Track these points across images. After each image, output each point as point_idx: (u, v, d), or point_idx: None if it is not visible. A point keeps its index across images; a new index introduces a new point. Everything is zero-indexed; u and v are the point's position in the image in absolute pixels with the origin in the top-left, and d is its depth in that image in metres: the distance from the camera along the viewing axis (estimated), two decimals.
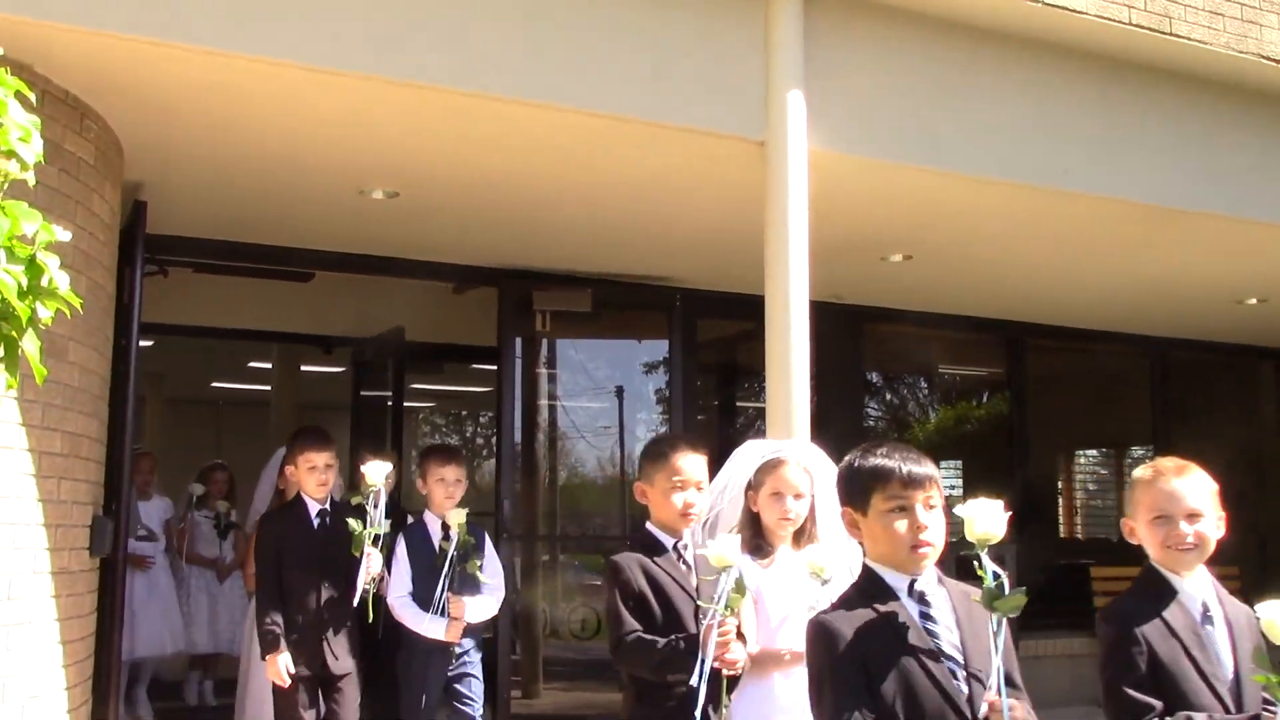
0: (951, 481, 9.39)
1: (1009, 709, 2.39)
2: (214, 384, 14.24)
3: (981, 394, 10.42)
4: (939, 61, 5.61)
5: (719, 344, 9.21)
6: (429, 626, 5.10)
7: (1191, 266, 7.58)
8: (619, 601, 3.45)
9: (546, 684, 7.94)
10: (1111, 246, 7.09)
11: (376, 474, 5.08)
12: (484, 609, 5.28)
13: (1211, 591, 2.87)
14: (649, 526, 3.66)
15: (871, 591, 2.55)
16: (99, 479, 5.05)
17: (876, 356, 9.49)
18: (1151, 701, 2.69)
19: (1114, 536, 9.15)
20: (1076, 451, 11.53)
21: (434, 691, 5.16)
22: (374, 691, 5.63)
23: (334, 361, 10.63)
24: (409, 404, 11.20)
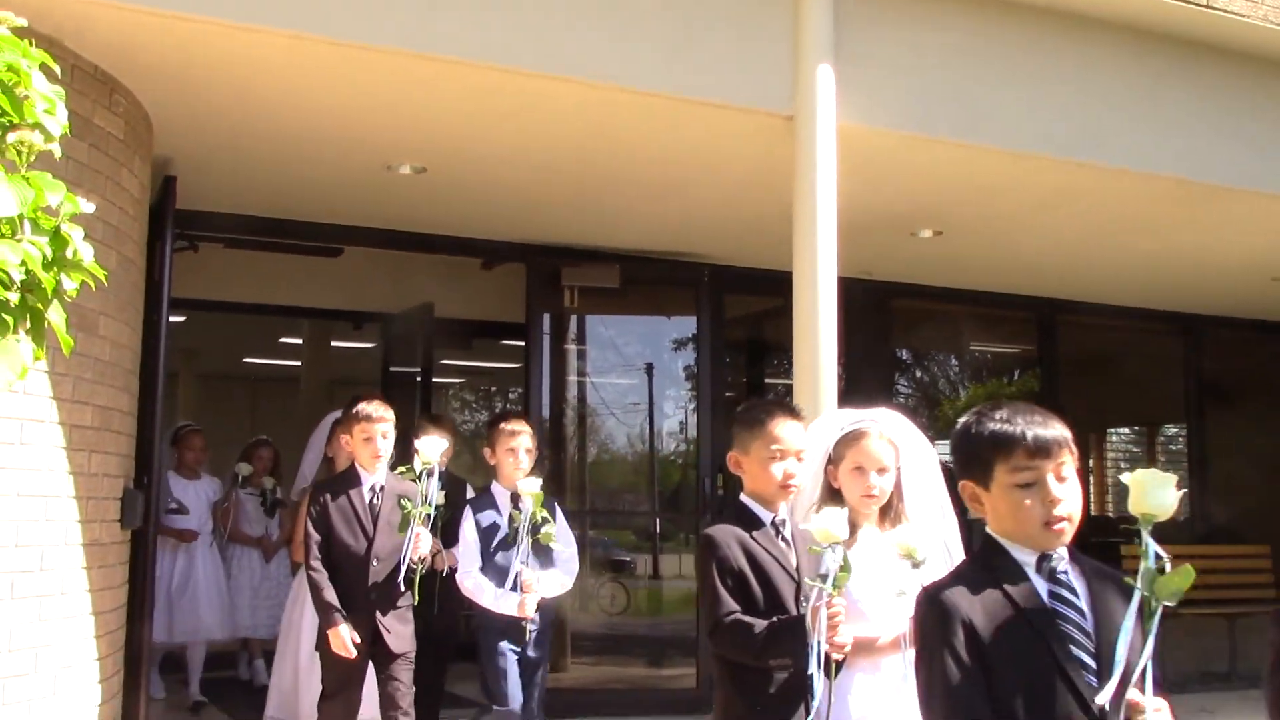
0: None
1: (1154, 710, 2.08)
2: (246, 360, 14.33)
3: (1012, 371, 10.35)
4: (972, 33, 5.54)
5: (747, 320, 9.18)
6: (502, 603, 4.84)
7: (1228, 243, 7.48)
8: (716, 580, 3.17)
9: (574, 658, 7.97)
10: (1147, 222, 7.00)
11: (432, 451, 4.82)
12: (558, 583, 5.01)
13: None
14: (744, 499, 3.36)
15: (994, 565, 2.26)
16: (130, 453, 5.09)
17: (906, 333, 9.44)
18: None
19: None
20: (1108, 429, 11.44)
21: (513, 669, 4.90)
22: (434, 668, 5.54)
23: (364, 337, 10.67)
24: (438, 380, 11.22)
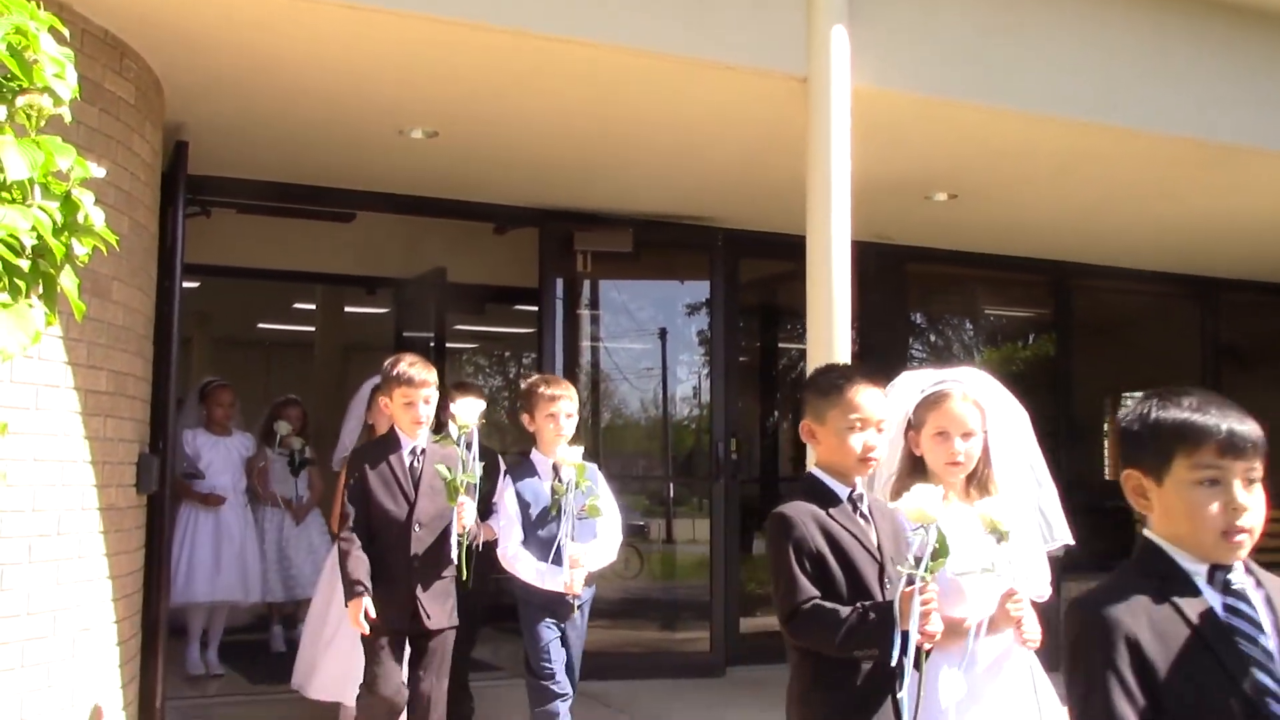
0: None
1: None
2: (260, 325, 14.37)
3: (1027, 335, 10.30)
4: None
5: (761, 285, 9.15)
6: (548, 579, 4.65)
7: (1245, 205, 7.41)
8: (792, 563, 2.88)
9: (589, 622, 7.98)
10: (1164, 184, 6.95)
11: (469, 413, 4.58)
12: (603, 556, 4.81)
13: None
14: (817, 472, 3.07)
15: (1157, 574, 2.00)
16: (144, 417, 5.11)
17: (920, 297, 9.39)
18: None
19: None
20: (1123, 394, 11.39)
21: (557, 647, 4.75)
22: (465, 634, 5.43)
23: (377, 302, 10.68)
24: (451, 345, 11.23)
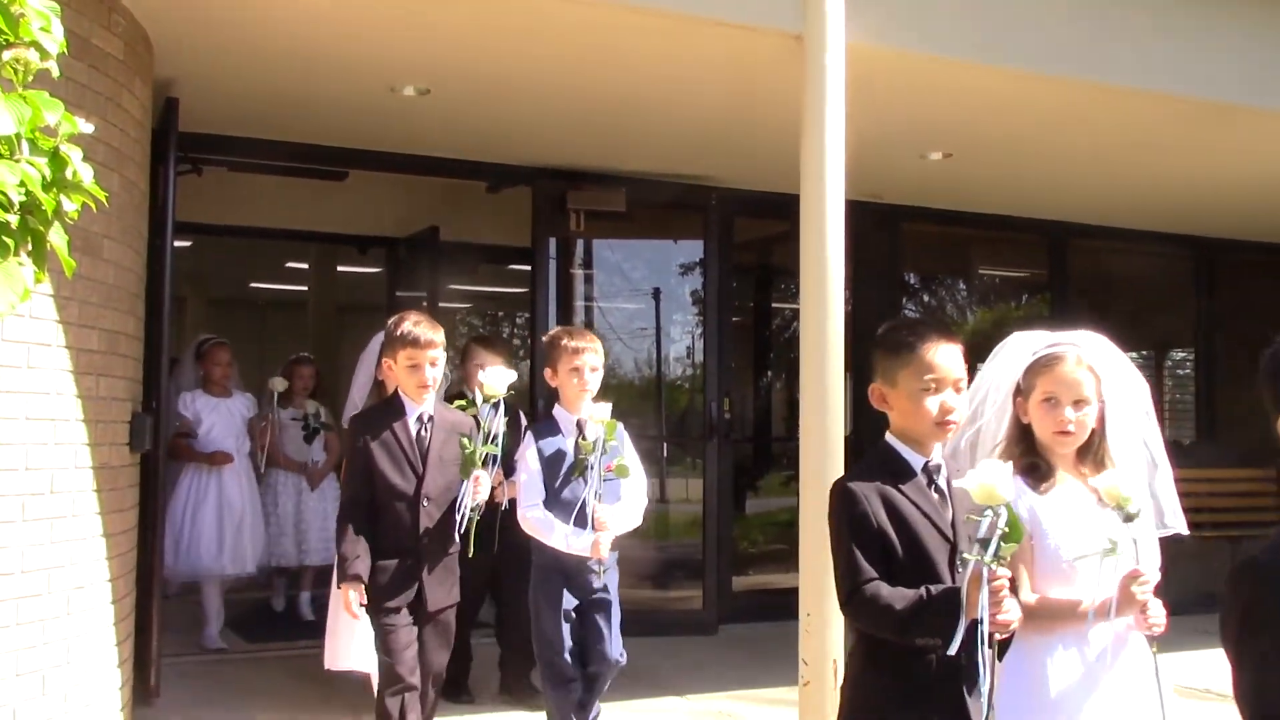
0: None
1: None
2: (253, 284, 14.34)
3: (1021, 295, 10.31)
4: None
5: (755, 245, 9.14)
6: (573, 542, 4.33)
7: (1241, 165, 7.40)
8: (852, 541, 2.66)
9: None
10: (1159, 143, 6.92)
11: (499, 383, 4.35)
12: (630, 518, 4.51)
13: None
14: (891, 441, 2.81)
15: None
16: (137, 376, 5.10)
17: (914, 257, 9.38)
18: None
19: None
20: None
21: (566, 632, 4.44)
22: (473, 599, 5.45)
23: (370, 262, 10.64)
24: (444, 304, 11.21)
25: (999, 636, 2.56)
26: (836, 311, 5.10)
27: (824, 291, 5.10)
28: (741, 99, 6.04)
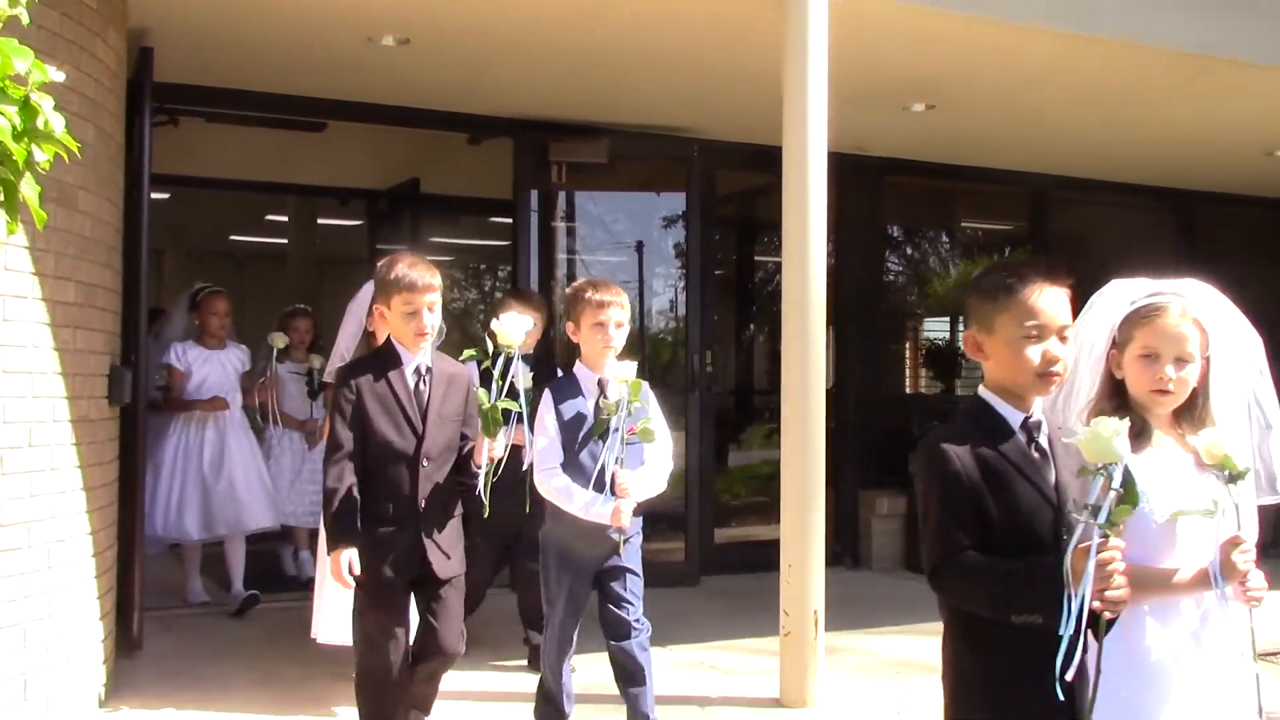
0: None
1: None
2: (232, 237, 14.23)
3: (1004, 248, 10.31)
4: None
5: (738, 197, 9.10)
6: (594, 508, 4.03)
7: (1223, 117, 7.39)
8: (942, 506, 2.42)
9: None
10: (1142, 96, 6.91)
11: (515, 330, 3.99)
12: (654, 483, 4.21)
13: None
14: (985, 395, 2.53)
15: None
16: (115, 329, 5.07)
17: (897, 210, 9.36)
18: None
19: None
20: None
21: (586, 587, 4.21)
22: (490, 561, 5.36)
23: (350, 214, 10.59)
24: (426, 257, 11.18)
25: (1106, 616, 2.25)
26: (819, 264, 5.10)
27: (806, 244, 5.10)
28: (724, 50, 5.99)
